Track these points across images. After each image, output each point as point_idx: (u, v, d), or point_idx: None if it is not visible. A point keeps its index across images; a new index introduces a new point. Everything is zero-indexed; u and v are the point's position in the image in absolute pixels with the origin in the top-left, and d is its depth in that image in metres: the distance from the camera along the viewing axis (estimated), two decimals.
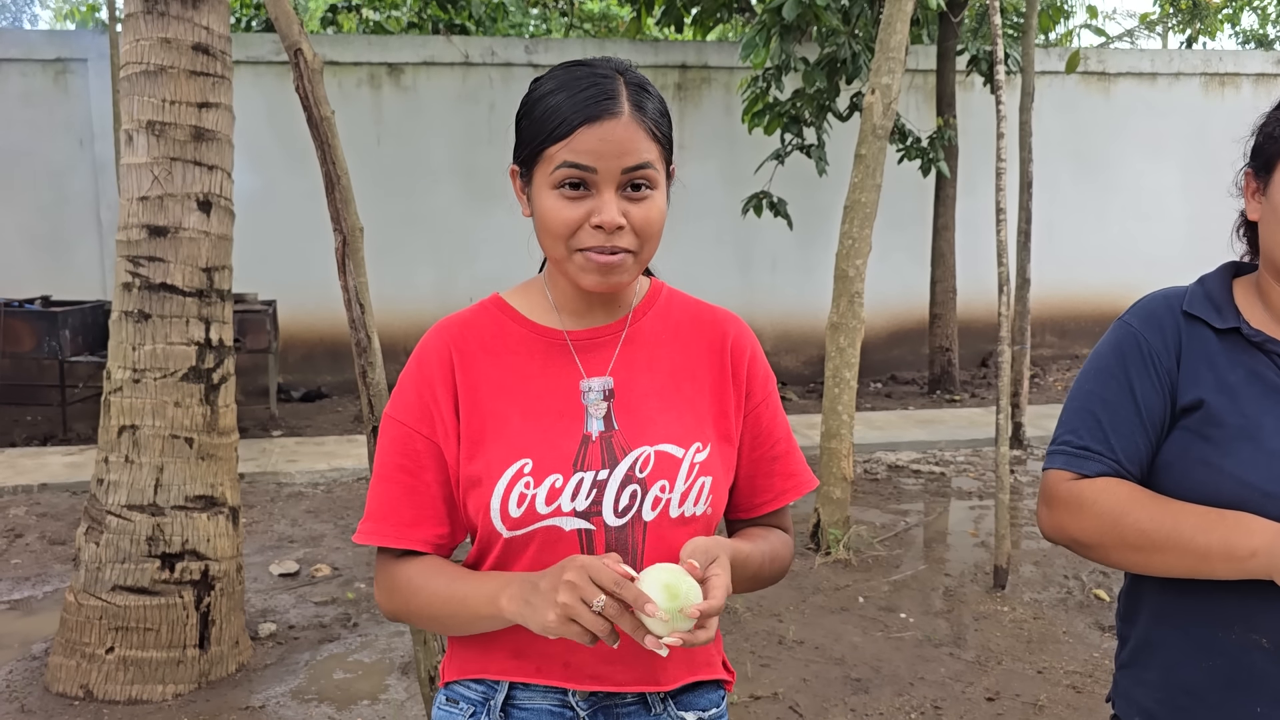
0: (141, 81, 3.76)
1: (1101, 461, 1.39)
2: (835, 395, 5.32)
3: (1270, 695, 1.32)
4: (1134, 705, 1.46)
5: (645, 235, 1.29)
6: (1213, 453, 1.34)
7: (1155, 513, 1.34)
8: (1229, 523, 1.28)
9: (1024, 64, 7.55)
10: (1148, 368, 1.40)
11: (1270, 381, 1.35)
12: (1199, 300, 1.42)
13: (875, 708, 3.72)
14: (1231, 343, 1.38)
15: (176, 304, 3.78)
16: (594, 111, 1.23)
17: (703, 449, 1.35)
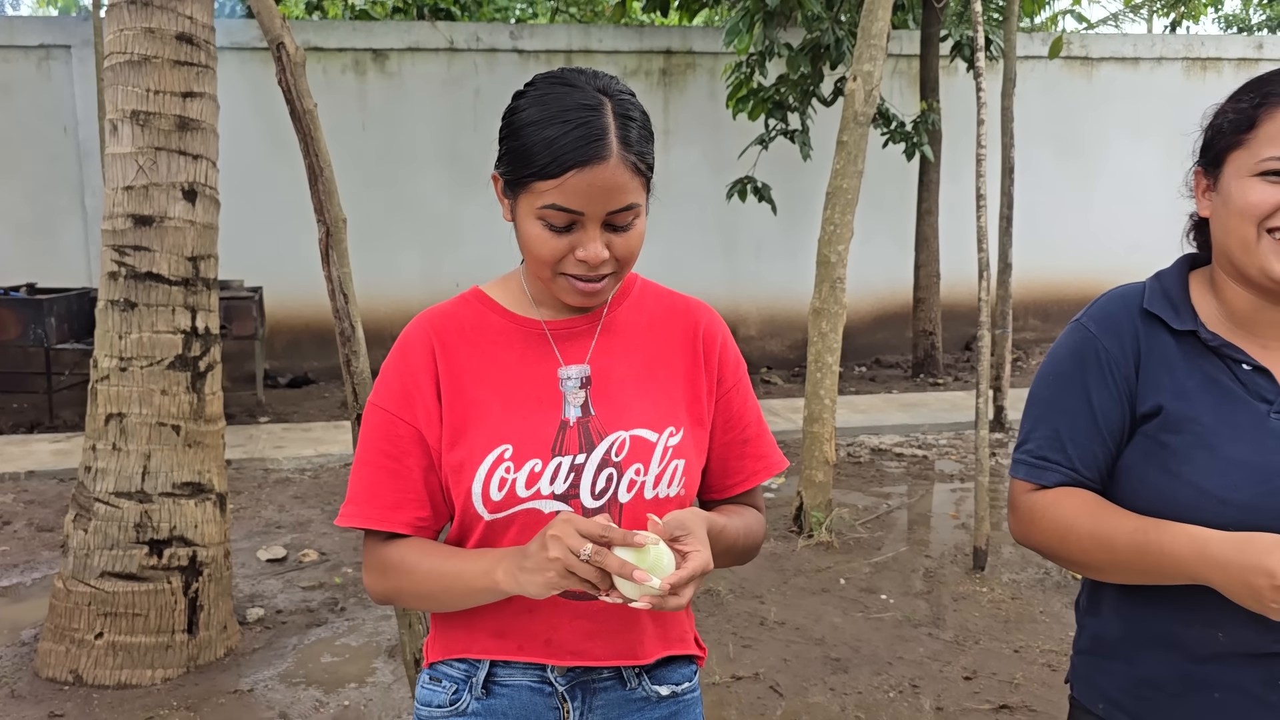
0: (126, 71, 3.78)
1: (1059, 472, 1.41)
2: (817, 380, 5.38)
3: (1227, 684, 1.36)
4: (1097, 692, 1.50)
5: (627, 261, 1.35)
6: (1170, 459, 1.35)
7: (1093, 529, 1.36)
8: (1154, 544, 1.30)
9: (1006, 49, 7.60)
10: (1105, 376, 1.40)
11: (1226, 387, 1.36)
12: (1157, 298, 1.42)
13: (854, 687, 3.79)
14: (1189, 346, 1.39)
15: (162, 293, 3.81)
16: (584, 156, 1.25)
17: (676, 433, 1.40)
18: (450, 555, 1.37)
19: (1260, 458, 1.31)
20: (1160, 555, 1.29)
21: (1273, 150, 1.29)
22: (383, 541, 1.42)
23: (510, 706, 1.42)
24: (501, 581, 1.28)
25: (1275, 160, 1.29)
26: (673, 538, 1.24)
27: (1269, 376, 1.35)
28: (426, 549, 1.39)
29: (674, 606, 1.20)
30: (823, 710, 3.62)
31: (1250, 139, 1.31)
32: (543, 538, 1.22)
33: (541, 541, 1.22)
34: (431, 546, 1.40)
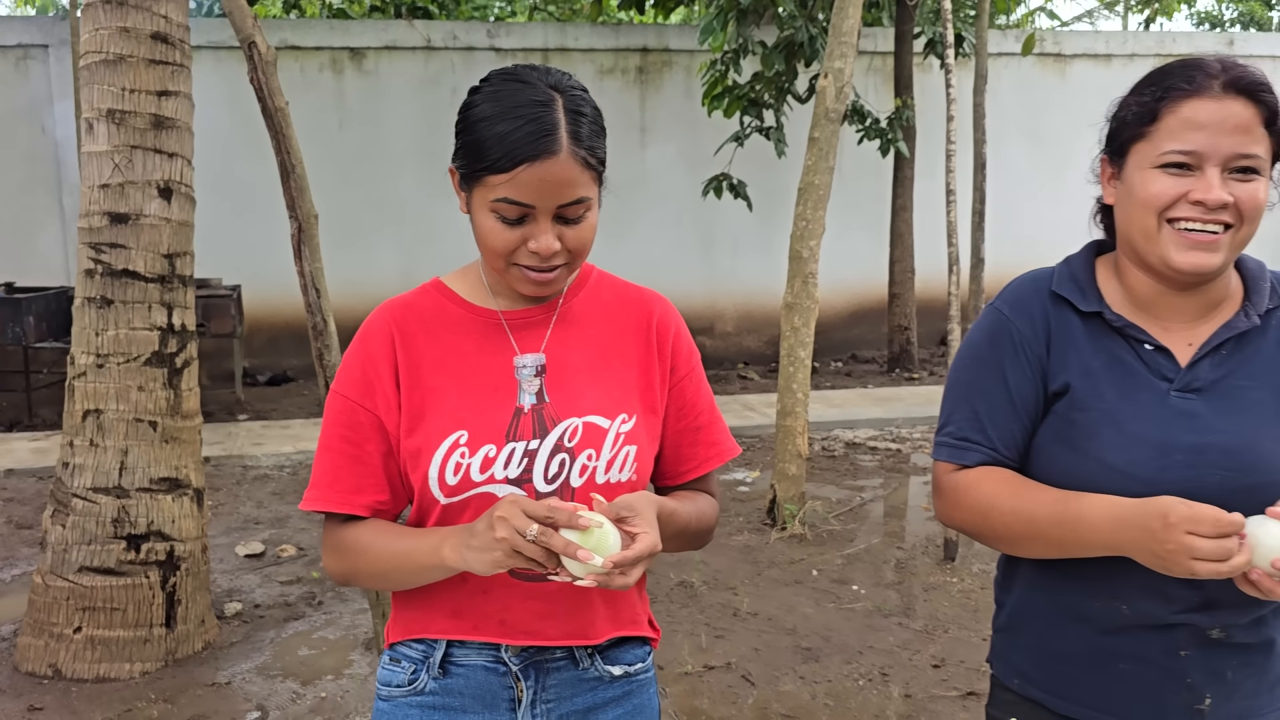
0: (101, 70, 3.81)
1: (980, 451, 1.46)
2: (790, 374, 5.45)
3: (1132, 655, 1.42)
4: (1011, 667, 1.56)
5: (579, 252, 1.40)
6: (1078, 436, 1.40)
7: (1013, 504, 1.41)
8: (1073, 511, 1.35)
9: (978, 46, 7.68)
10: (1019, 357, 1.45)
11: (1130, 366, 1.41)
12: (1065, 281, 1.48)
13: (824, 675, 3.86)
14: (1094, 326, 1.44)
15: (139, 290, 3.84)
16: (534, 150, 1.30)
17: (628, 420, 1.46)
18: (402, 535, 1.43)
19: (1161, 434, 1.37)
20: (1079, 524, 1.34)
21: (1173, 144, 1.34)
22: (340, 523, 1.47)
23: (466, 686, 1.47)
24: (448, 558, 1.33)
25: (1175, 154, 1.34)
26: (621, 519, 1.29)
27: (1170, 356, 1.41)
28: (381, 530, 1.45)
29: (620, 585, 1.25)
30: (793, 698, 3.69)
31: (1152, 131, 1.37)
32: (489, 518, 1.27)
33: (488, 521, 1.26)
34: (385, 527, 1.45)
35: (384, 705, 1.50)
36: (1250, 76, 1.33)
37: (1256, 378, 1.40)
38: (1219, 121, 1.32)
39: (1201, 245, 1.35)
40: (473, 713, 1.47)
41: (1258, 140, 1.33)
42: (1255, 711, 1.44)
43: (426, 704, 1.47)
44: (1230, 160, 1.33)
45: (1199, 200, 1.33)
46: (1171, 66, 1.39)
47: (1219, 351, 1.41)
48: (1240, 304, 1.45)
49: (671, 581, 4.76)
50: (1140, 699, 1.43)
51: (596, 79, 10.44)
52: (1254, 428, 1.38)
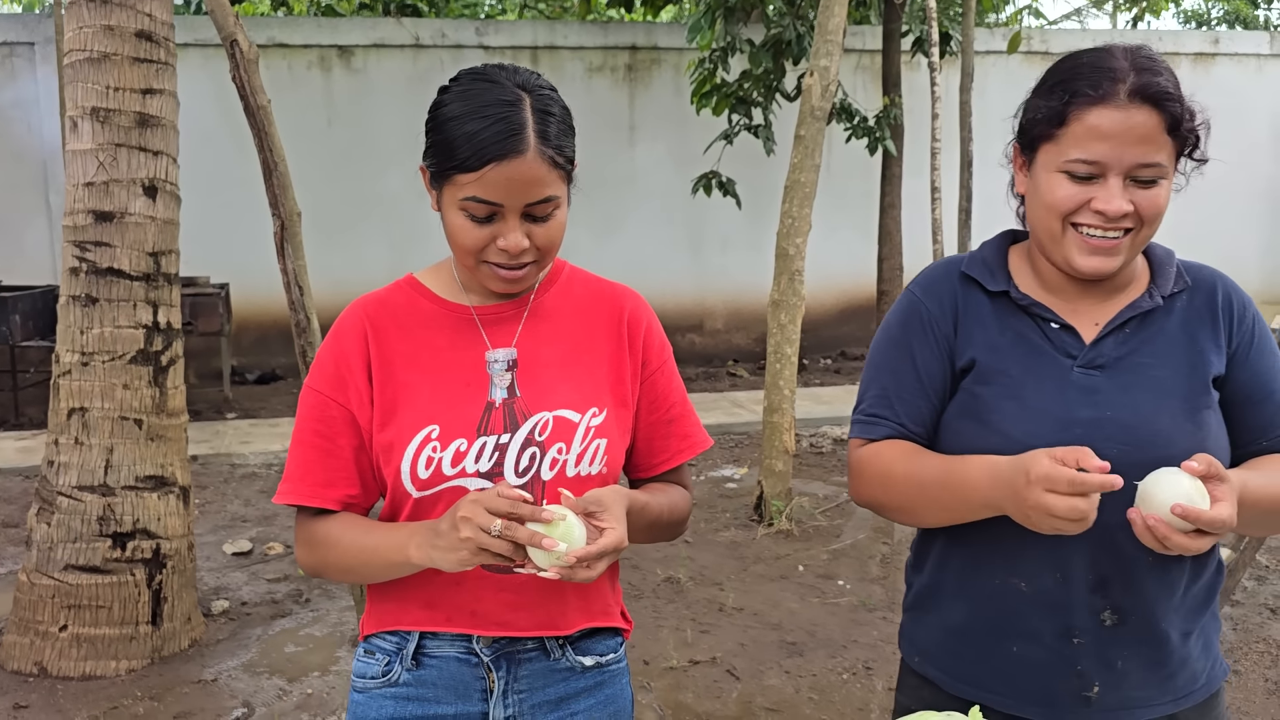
0: (85, 68, 3.81)
1: (886, 426, 1.50)
2: (777, 371, 5.47)
3: (1025, 635, 1.44)
4: (914, 645, 1.59)
5: (548, 249, 1.42)
6: (981, 409, 1.44)
7: (906, 471, 1.45)
8: (958, 474, 1.38)
9: (964, 44, 7.71)
10: (927, 334, 1.50)
11: (1035, 344, 1.45)
12: (975, 264, 1.52)
13: (808, 669, 3.88)
14: (1002, 305, 1.48)
15: (124, 288, 3.85)
16: (501, 150, 1.31)
17: (599, 413, 1.47)
18: (370, 530, 1.44)
19: (1061, 407, 1.41)
20: (962, 483, 1.38)
21: (1078, 152, 1.36)
22: (312, 517, 1.49)
23: (439, 677, 1.49)
24: (414, 556, 1.35)
25: (1079, 163, 1.37)
26: (590, 513, 1.31)
27: (1075, 334, 1.45)
28: (350, 524, 1.46)
29: (584, 578, 1.27)
30: (777, 692, 3.71)
31: (1059, 135, 1.39)
32: (453, 516, 1.28)
33: (452, 521, 1.28)
34: (354, 522, 1.47)
35: (359, 697, 1.52)
36: (1156, 85, 1.34)
37: (1158, 356, 1.44)
38: (1123, 132, 1.34)
39: (1102, 250, 1.39)
40: (446, 703, 1.48)
41: (1160, 148, 1.35)
42: (1143, 702, 1.45)
43: (400, 695, 1.49)
44: (1132, 169, 1.36)
45: (1100, 210, 1.36)
46: (1081, 64, 1.39)
47: (1123, 330, 1.45)
48: (1146, 286, 1.49)
49: (658, 577, 4.78)
50: (1030, 682, 1.45)
51: (585, 77, 10.45)
52: (1153, 403, 1.41)
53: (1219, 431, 1.43)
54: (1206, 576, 1.49)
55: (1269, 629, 4.22)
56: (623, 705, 1.58)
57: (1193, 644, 1.48)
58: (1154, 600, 1.43)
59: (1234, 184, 11.57)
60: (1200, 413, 1.42)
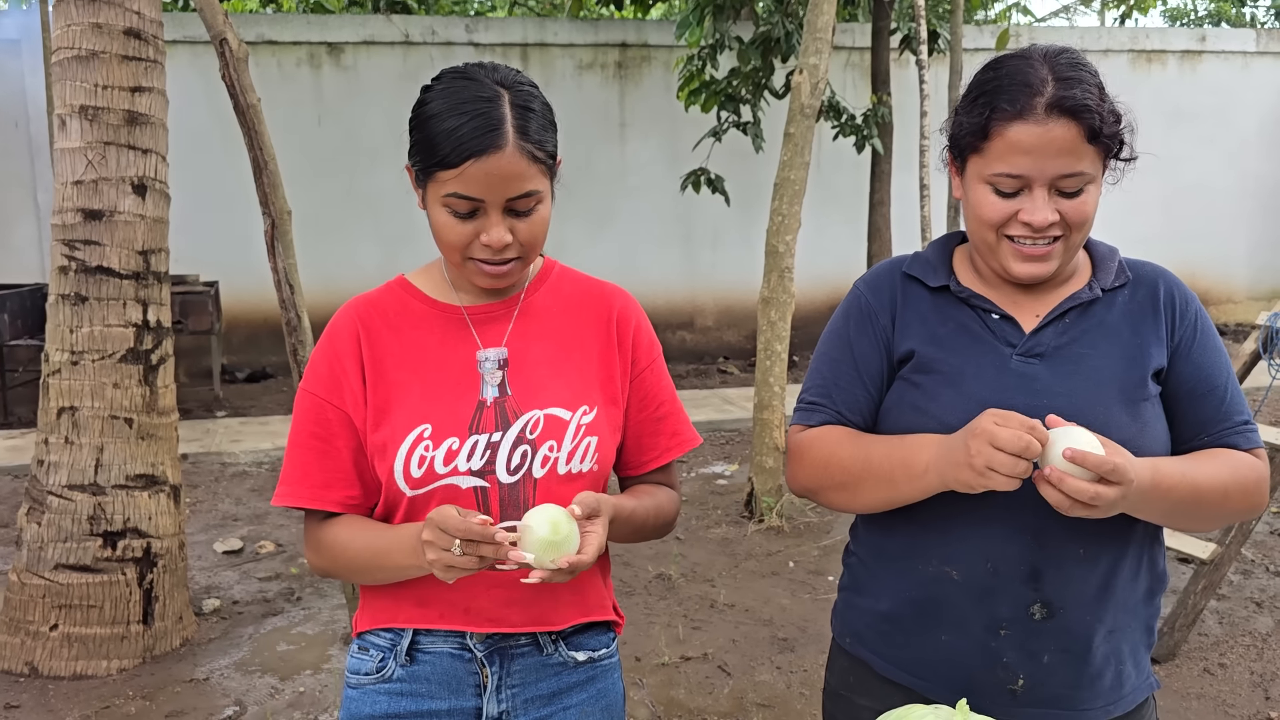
0: (74, 66, 3.80)
1: (824, 412, 1.55)
2: (767, 368, 5.48)
3: (954, 623, 1.46)
4: (846, 626, 1.61)
5: (531, 244, 1.43)
6: (920, 398, 1.48)
7: (852, 449, 1.48)
8: (907, 446, 1.42)
9: (953, 42, 7.74)
10: (865, 326, 1.55)
11: (975, 334, 1.48)
12: (918, 262, 1.57)
13: (800, 664, 3.90)
14: (943, 299, 1.52)
15: (113, 286, 3.84)
16: (479, 146, 1.33)
17: (589, 411, 1.49)
18: (377, 536, 1.46)
19: (998, 395, 1.43)
20: (909, 451, 1.41)
21: (1001, 166, 1.39)
22: (320, 521, 1.51)
23: (432, 673, 1.50)
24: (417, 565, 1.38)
25: (1003, 177, 1.39)
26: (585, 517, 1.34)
27: (1015, 324, 1.48)
28: (357, 529, 1.48)
29: (563, 579, 1.31)
30: (769, 688, 3.73)
31: (984, 148, 1.41)
32: (416, 539, 1.33)
33: (417, 546, 1.33)
34: (361, 527, 1.48)
35: (353, 693, 1.53)
36: (1073, 98, 1.35)
37: (1097, 346, 1.46)
38: (1043, 146, 1.36)
39: (1035, 257, 1.43)
40: (439, 699, 1.49)
41: (1082, 157, 1.37)
42: (1073, 704, 1.46)
43: (394, 691, 1.50)
44: (1055, 180, 1.38)
45: (1027, 221, 1.39)
46: (1001, 76, 1.41)
47: (1062, 320, 1.48)
48: (1087, 280, 1.52)
49: (649, 574, 4.79)
50: (956, 671, 1.47)
51: (576, 74, 10.44)
52: (1090, 391, 1.43)
53: (1157, 424, 1.45)
54: (1144, 580, 1.50)
55: (1254, 622, 4.25)
56: (614, 699, 1.59)
57: (1121, 647, 1.48)
58: (1084, 595, 1.44)
59: (1221, 181, 11.64)
60: (1137, 404, 1.43)
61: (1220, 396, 1.48)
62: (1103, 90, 1.39)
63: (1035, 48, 1.43)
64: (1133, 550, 1.47)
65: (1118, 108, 1.41)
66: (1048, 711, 1.46)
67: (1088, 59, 1.43)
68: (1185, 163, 11.24)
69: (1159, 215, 11.01)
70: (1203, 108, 11.39)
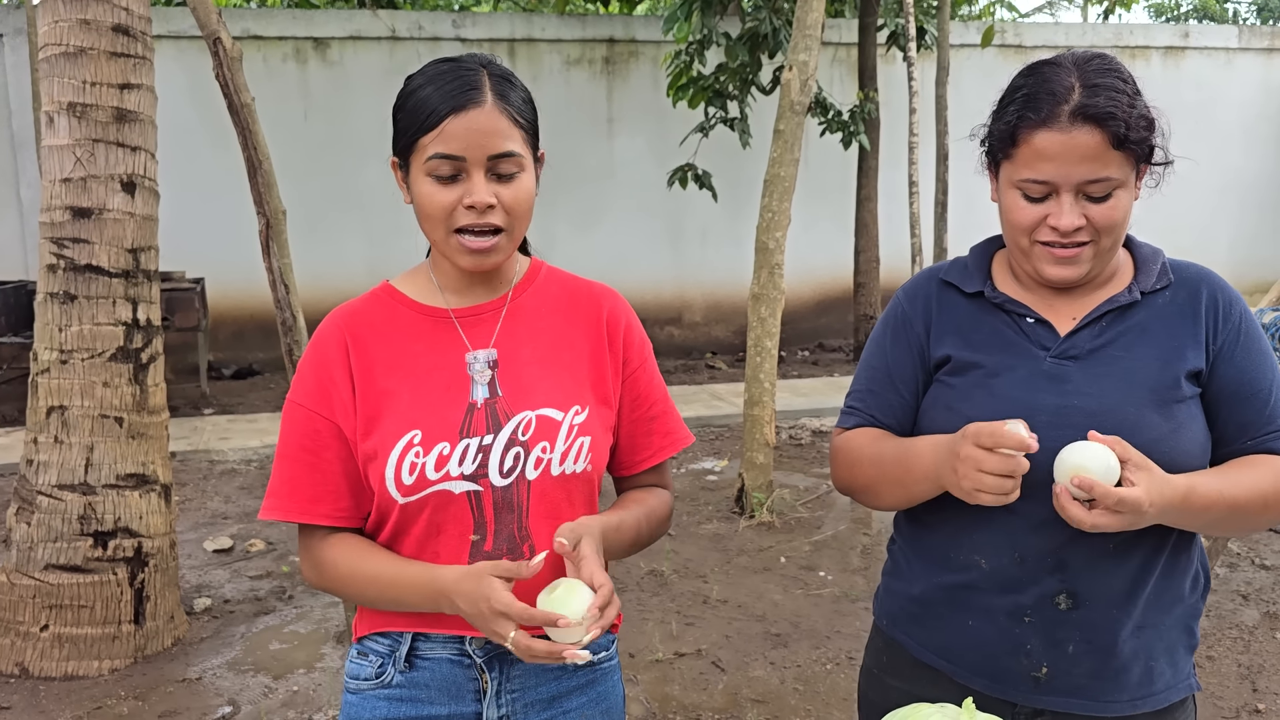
0: (61, 63, 3.77)
1: (858, 416, 1.62)
2: (757, 364, 5.50)
3: (980, 609, 1.50)
4: (883, 609, 1.67)
5: (515, 214, 1.42)
6: (954, 398, 1.51)
7: (872, 453, 1.55)
8: (912, 450, 1.49)
9: (939, 38, 7.76)
10: (900, 334, 1.61)
11: (1010, 338, 1.51)
12: (955, 269, 1.61)
13: (793, 660, 3.92)
14: (979, 305, 1.56)
15: (102, 285, 3.82)
16: (459, 101, 1.36)
17: (581, 411, 1.48)
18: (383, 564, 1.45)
19: (1028, 395, 1.46)
20: (912, 457, 1.48)
21: (1028, 172, 1.42)
22: (319, 537, 1.48)
23: (432, 678, 1.49)
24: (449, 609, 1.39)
25: (1030, 183, 1.42)
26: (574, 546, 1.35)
27: (1050, 328, 1.51)
28: (358, 554, 1.46)
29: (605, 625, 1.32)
30: (762, 684, 3.74)
31: (1013, 154, 1.44)
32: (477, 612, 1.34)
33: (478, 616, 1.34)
34: (363, 554, 1.46)
35: (352, 698, 1.53)
36: (1096, 106, 1.37)
37: (1132, 349, 1.47)
38: (1067, 153, 1.38)
39: (1065, 261, 1.46)
40: (439, 704, 1.49)
41: (1108, 163, 1.39)
42: (1095, 695, 1.47)
43: (394, 696, 1.50)
44: (1082, 186, 1.40)
45: (1054, 226, 1.42)
46: (1031, 83, 1.43)
47: (1099, 322, 1.50)
48: (1128, 283, 1.53)
49: (642, 570, 4.80)
50: (981, 655, 1.50)
51: (563, 69, 10.43)
52: (1120, 393, 1.44)
53: (1192, 425, 1.44)
54: (1181, 578, 1.50)
55: (1241, 615, 4.29)
56: (614, 702, 1.59)
57: (1154, 644, 1.48)
58: (1112, 589, 1.45)
59: (1203, 176, 11.71)
60: (1170, 405, 1.43)
61: (1264, 400, 1.47)
62: (1132, 97, 1.40)
63: (1069, 54, 1.46)
64: (1170, 548, 1.48)
65: (1149, 113, 1.42)
66: (1070, 700, 1.47)
67: (1121, 65, 1.44)
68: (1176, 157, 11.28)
69: (1142, 209, 11.05)
70: (1185, 103, 11.45)
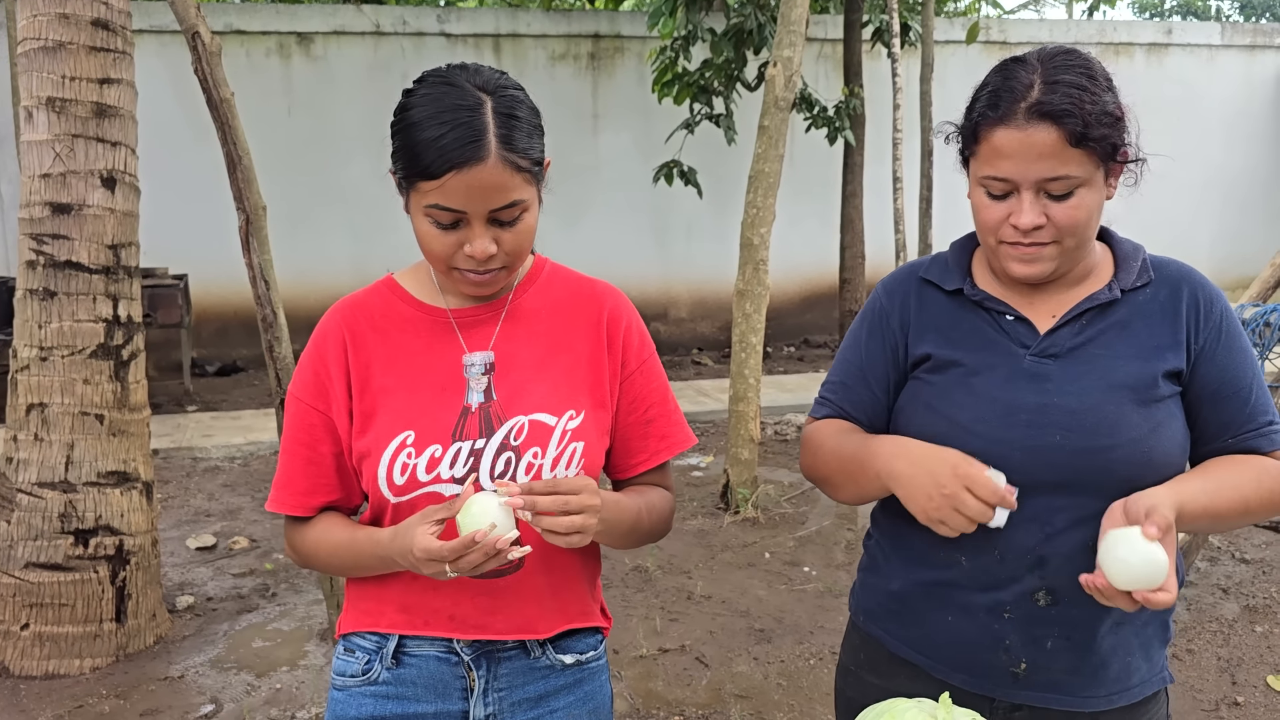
0: (40, 58, 3.74)
1: (829, 406, 1.62)
2: (742, 360, 5.50)
3: (959, 605, 1.49)
4: (860, 605, 1.66)
5: (516, 253, 1.41)
6: (933, 396, 1.50)
7: (834, 445, 1.55)
8: (866, 448, 1.48)
9: (924, 35, 7.77)
10: (876, 330, 1.60)
11: (990, 336, 1.50)
12: (935, 266, 1.59)
13: (777, 655, 3.92)
14: (959, 302, 1.54)
15: (83, 281, 3.79)
16: (460, 158, 1.30)
17: (576, 416, 1.47)
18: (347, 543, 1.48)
19: (1008, 394, 1.45)
20: (866, 458, 1.47)
21: (989, 169, 1.41)
22: (298, 523, 1.52)
23: (419, 676, 1.49)
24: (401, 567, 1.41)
25: (991, 180, 1.41)
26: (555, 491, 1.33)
27: (1030, 326, 1.49)
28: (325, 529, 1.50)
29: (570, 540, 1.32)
30: (746, 679, 3.74)
31: (976, 151, 1.44)
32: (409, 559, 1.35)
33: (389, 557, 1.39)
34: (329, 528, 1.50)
35: (339, 695, 1.52)
36: (1052, 104, 1.35)
37: (1113, 347, 1.46)
38: (1024, 150, 1.37)
39: (1029, 259, 1.44)
40: (426, 702, 1.49)
41: (1067, 161, 1.36)
42: (1073, 690, 1.48)
43: (380, 693, 1.49)
44: (1042, 183, 1.38)
45: (1014, 225, 1.41)
46: (997, 80, 1.42)
47: (1079, 320, 1.48)
48: (1108, 280, 1.51)
49: (626, 566, 4.80)
50: (960, 651, 1.50)
51: (549, 65, 10.40)
52: (1100, 391, 1.43)
53: (1171, 424, 1.44)
54: None
55: (1220, 609, 4.32)
56: (602, 701, 1.59)
57: (1131, 639, 1.49)
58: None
59: (1186, 173, 11.77)
60: (1150, 405, 1.43)
61: (1245, 398, 1.47)
62: (1096, 93, 1.37)
63: (1040, 50, 1.44)
64: None
65: (1117, 109, 1.39)
66: (1048, 695, 1.48)
67: (1093, 60, 1.42)
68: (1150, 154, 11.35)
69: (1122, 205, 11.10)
70: (1168, 100, 11.51)
